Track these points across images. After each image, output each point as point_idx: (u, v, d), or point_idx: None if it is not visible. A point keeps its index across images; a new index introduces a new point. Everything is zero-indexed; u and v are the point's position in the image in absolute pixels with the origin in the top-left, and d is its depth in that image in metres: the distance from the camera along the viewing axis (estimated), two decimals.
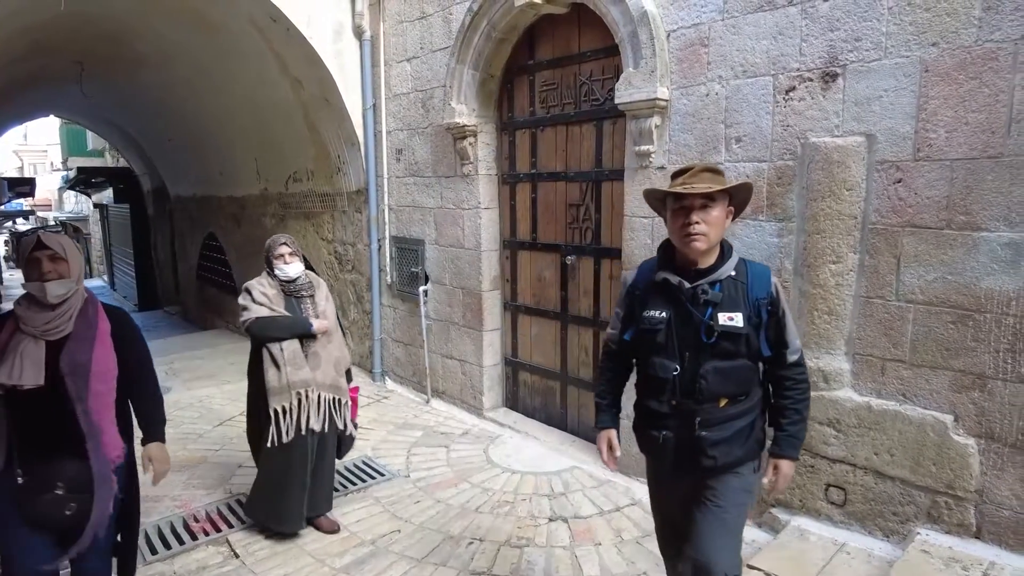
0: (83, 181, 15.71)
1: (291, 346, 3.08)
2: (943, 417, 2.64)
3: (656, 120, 3.42)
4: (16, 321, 2.00)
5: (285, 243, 3.19)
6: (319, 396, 3.13)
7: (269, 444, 3.06)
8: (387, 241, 5.62)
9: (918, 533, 2.69)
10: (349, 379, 3.40)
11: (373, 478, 3.87)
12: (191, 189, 10.18)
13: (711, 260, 1.95)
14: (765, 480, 2.04)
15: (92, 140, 16.49)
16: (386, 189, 5.57)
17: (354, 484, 3.79)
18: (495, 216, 4.78)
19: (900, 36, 2.62)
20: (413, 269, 5.36)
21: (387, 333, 5.82)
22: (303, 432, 3.09)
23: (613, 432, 2.24)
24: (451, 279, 5.04)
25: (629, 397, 2.22)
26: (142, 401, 2.29)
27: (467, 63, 4.50)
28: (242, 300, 3.16)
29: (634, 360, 2.18)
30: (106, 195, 17.00)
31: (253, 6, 5.17)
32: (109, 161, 15.98)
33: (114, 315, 2.19)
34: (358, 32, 5.44)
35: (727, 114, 3.18)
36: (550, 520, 3.35)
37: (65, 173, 19.44)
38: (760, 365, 2.03)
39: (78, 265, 2.11)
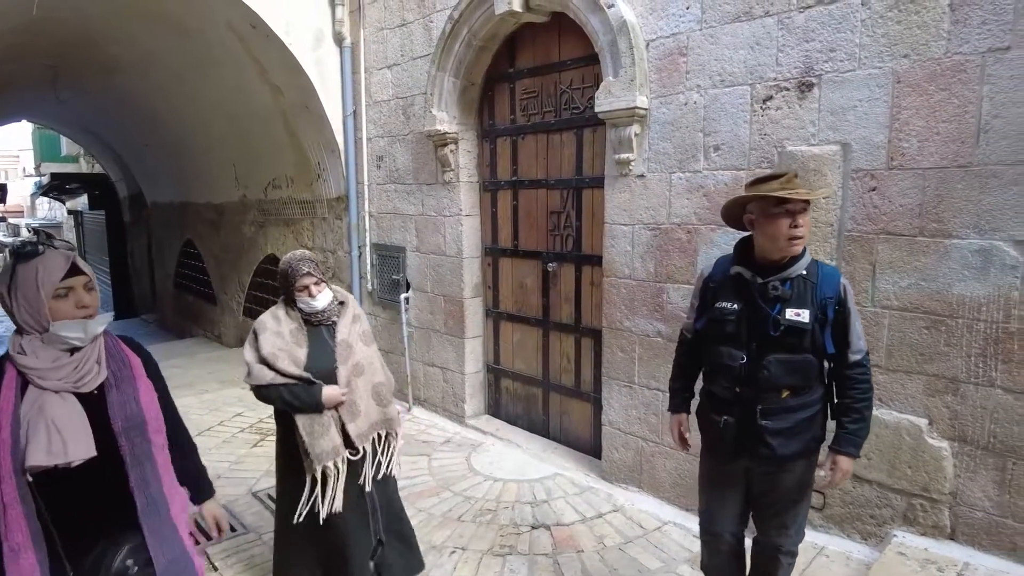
0: (57, 187, 15.44)
1: (306, 417, 2.44)
2: (918, 421, 2.69)
3: (636, 128, 3.45)
4: (20, 376, 1.47)
5: (309, 272, 2.50)
6: (362, 449, 2.52)
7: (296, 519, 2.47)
8: (368, 248, 5.59)
9: (895, 535, 2.73)
10: None
11: None
12: (169, 196, 10.06)
13: (790, 258, 2.05)
14: (822, 472, 2.09)
15: (66, 146, 16.23)
16: (367, 196, 5.55)
17: None
18: (476, 223, 4.78)
19: (873, 47, 2.67)
20: (394, 276, 5.34)
21: None
22: (333, 511, 2.45)
23: (684, 416, 2.38)
24: (433, 286, 5.03)
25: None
26: (182, 451, 1.84)
27: (448, 71, 4.51)
28: (247, 352, 2.50)
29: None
30: (81, 201, 16.73)
31: (231, 12, 5.14)
32: (84, 167, 15.74)
33: (134, 346, 1.75)
34: (338, 39, 5.42)
35: (705, 123, 3.22)
36: (532, 528, 3.34)
37: (38, 179, 19.11)
38: (824, 362, 2.09)
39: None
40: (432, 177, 4.88)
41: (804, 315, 1.99)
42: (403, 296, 5.21)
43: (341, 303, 2.63)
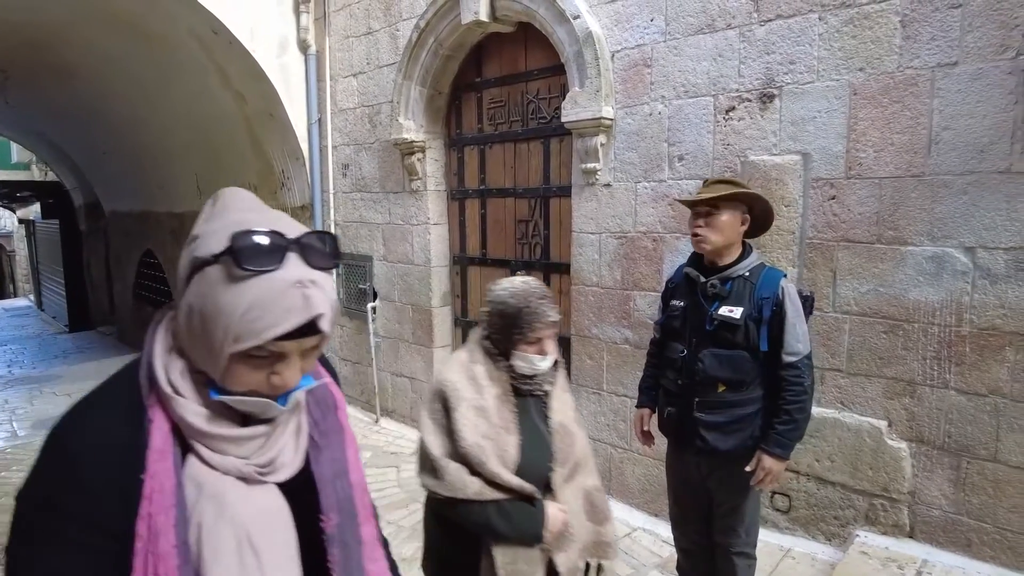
0: (6, 195, 14.94)
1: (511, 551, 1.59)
2: (878, 423, 2.76)
3: (601, 138, 3.49)
4: (174, 431, 0.82)
5: (553, 320, 1.64)
6: None
7: None
8: None
9: (857, 535, 2.79)
10: None
11: None
12: (128, 204, 9.80)
13: (729, 260, 2.17)
14: (748, 468, 2.11)
15: (17, 152, 15.67)
16: (332, 204, 5.49)
17: None
18: (444, 232, 4.77)
19: (831, 60, 2.76)
20: (361, 286, 5.29)
21: (334, 352, 5.71)
22: None
23: (647, 412, 2.45)
24: (400, 295, 4.99)
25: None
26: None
27: (414, 79, 4.50)
28: (428, 435, 1.62)
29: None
30: (33, 210, 16.20)
31: (193, 17, 5.05)
32: (36, 175, 15.21)
33: (328, 368, 1.10)
34: (303, 46, 5.37)
35: (670, 133, 3.27)
36: None
37: None
38: (760, 360, 2.12)
39: None
40: (399, 185, 4.85)
41: (737, 312, 2.09)
42: (370, 306, 5.16)
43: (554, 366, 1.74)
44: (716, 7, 3.05)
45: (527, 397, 1.68)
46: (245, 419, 0.86)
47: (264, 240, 0.77)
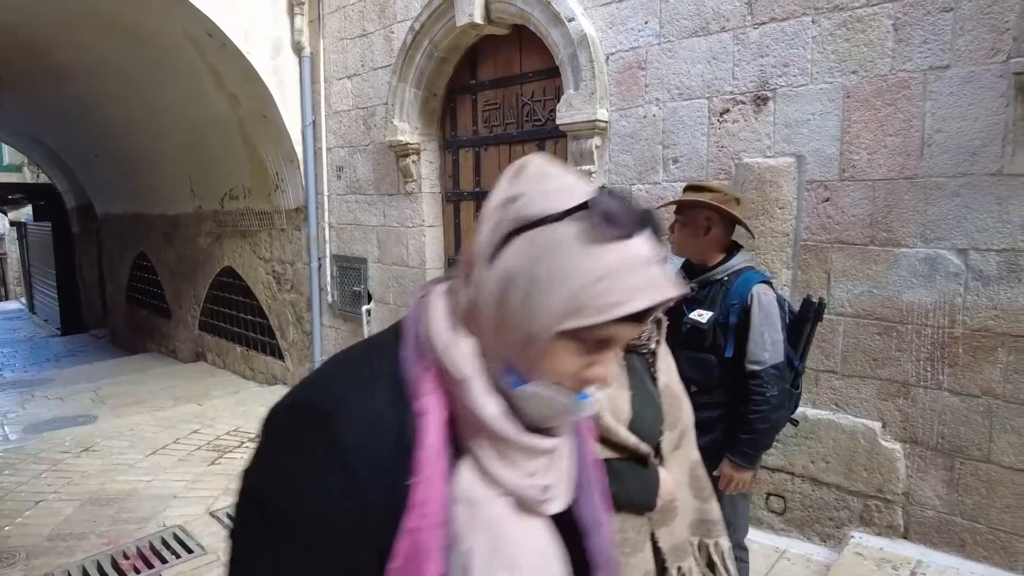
0: None
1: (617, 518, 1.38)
2: (872, 424, 2.77)
3: (596, 141, 3.50)
4: (448, 429, 0.66)
5: None
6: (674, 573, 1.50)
7: None
8: (328, 260, 5.52)
9: (852, 536, 2.80)
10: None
11: None
12: (120, 207, 9.75)
13: (712, 263, 2.18)
14: (715, 473, 2.11)
15: (9, 155, 15.59)
16: (326, 207, 5.48)
17: None
18: (439, 234, 4.77)
19: (824, 63, 2.77)
20: (355, 288, 5.28)
21: (328, 354, 5.68)
22: None
23: None
24: (395, 298, 4.99)
25: None
26: None
27: (409, 82, 4.50)
28: None
29: None
30: (25, 212, 16.10)
31: (187, 20, 5.03)
32: (28, 177, 15.12)
33: None
34: (297, 48, 5.36)
35: (664, 135, 3.28)
36: None
37: None
38: (727, 366, 2.13)
39: None
40: (394, 188, 4.85)
41: (704, 316, 2.12)
42: (365, 308, 5.15)
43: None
44: (710, 10, 3.06)
45: (633, 354, 1.54)
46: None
47: (625, 204, 0.64)
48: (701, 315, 2.12)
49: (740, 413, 2.11)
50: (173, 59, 5.71)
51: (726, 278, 2.15)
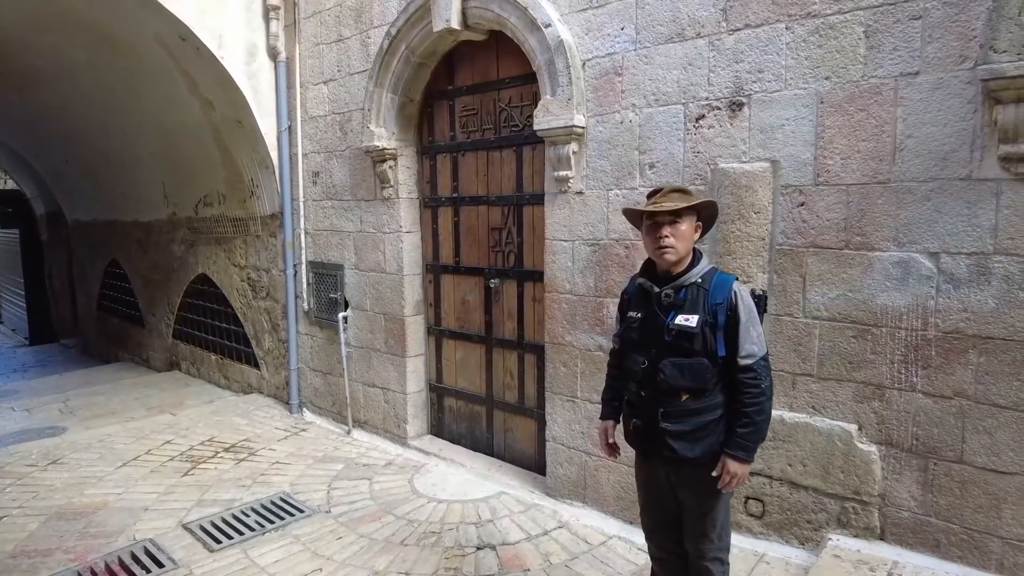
0: None
1: None
2: (848, 427, 2.79)
3: (573, 147, 3.50)
4: None
5: None
6: None
7: None
8: (304, 266, 5.45)
9: (830, 539, 2.82)
10: None
11: (292, 515, 3.69)
12: (92, 214, 9.56)
13: (681, 268, 2.18)
14: (714, 474, 2.12)
15: None
16: (302, 213, 5.42)
17: (271, 523, 3.60)
18: (417, 240, 4.74)
19: (798, 69, 2.80)
20: (332, 295, 5.22)
21: (304, 362, 5.62)
22: None
23: (611, 423, 2.48)
24: (372, 304, 4.94)
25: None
26: None
27: (386, 87, 4.47)
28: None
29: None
30: None
31: (160, 24, 4.96)
32: None
33: None
34: (273, 54, 5.31)
35: (641, 141, 3.29)
36: (477, 549, 3.29)
37: None
38: (719, 366, 2.13)
39: None
40: (371, 193, 4.81)
41: (692, 320, 2.11)
42: (341, 315, 5.10)
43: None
44: (686, 16, 3.08)
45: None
46: None
47: None
48: (688, 319, 2.11)
49: (734, 410, 2.12)
50: (146, 64, 5.62)
51: (700, 280, 2.15)
